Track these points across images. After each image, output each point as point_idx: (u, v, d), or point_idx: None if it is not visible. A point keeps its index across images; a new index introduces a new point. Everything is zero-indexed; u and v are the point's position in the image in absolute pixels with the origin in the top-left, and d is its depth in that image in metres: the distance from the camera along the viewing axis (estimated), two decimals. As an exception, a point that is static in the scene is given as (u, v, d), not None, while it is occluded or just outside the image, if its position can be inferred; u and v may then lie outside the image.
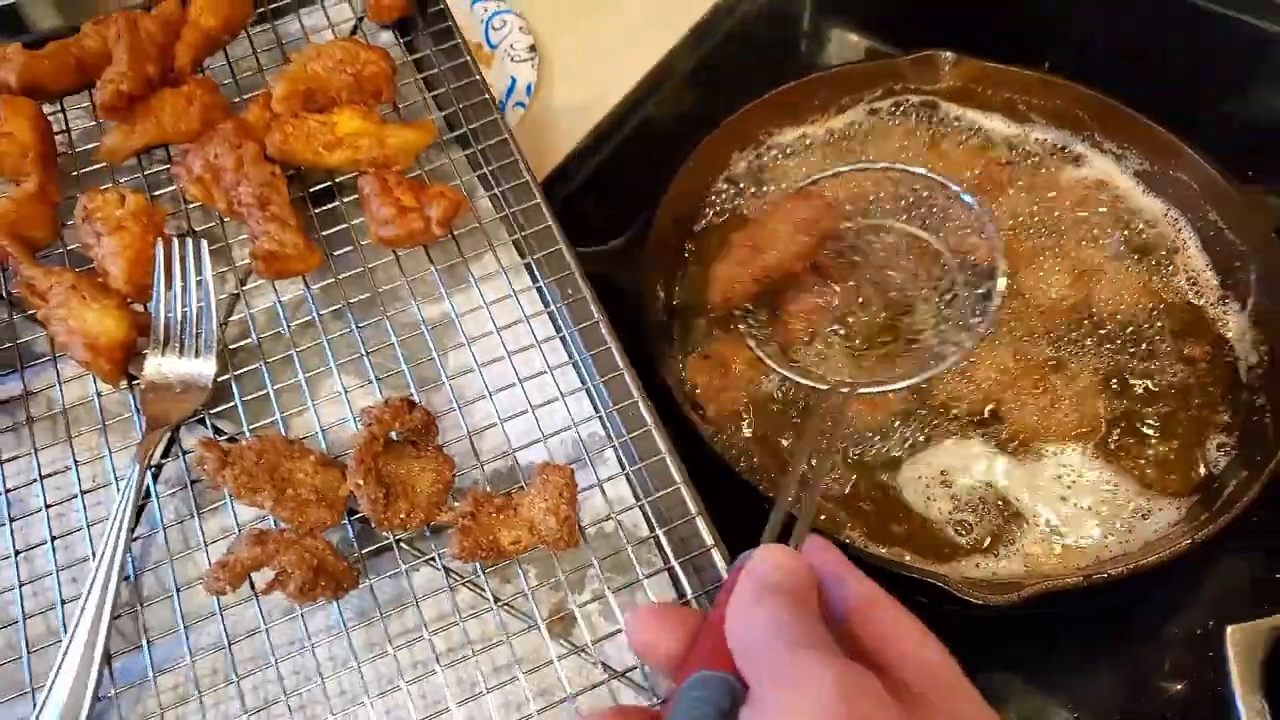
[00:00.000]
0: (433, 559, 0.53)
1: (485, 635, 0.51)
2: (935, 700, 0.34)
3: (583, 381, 0.58)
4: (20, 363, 0.59)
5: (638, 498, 0.55)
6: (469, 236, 0.63)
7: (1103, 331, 0.71)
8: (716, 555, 0.52)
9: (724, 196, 0.79)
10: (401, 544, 0.54)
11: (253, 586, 0.52)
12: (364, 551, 0.53)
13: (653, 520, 0.54)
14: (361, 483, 0.51)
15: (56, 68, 0.65)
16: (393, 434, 0.54)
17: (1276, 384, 0.66)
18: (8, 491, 0.55)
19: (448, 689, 0.50)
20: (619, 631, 0.51)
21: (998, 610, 0.56)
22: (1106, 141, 0.78)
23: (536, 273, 0.61)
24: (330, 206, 0.64)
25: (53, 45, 0.65)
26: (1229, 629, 0.53)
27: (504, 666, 0.51)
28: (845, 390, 0.62)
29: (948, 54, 0.81)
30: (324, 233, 0.63)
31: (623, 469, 0.56)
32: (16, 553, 0.54)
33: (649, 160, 0.78)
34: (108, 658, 0.50)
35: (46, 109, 0.65)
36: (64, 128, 0.67)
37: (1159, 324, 0.71)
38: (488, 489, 0.53)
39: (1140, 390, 0.68)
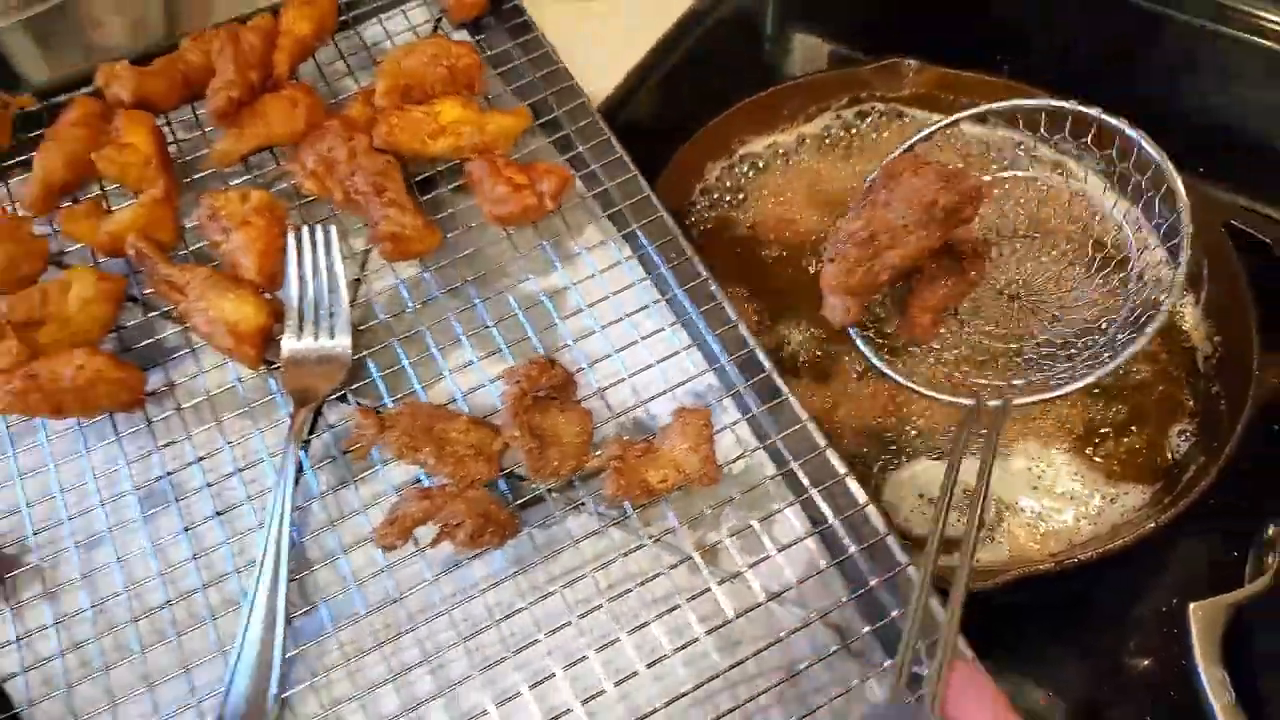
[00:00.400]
0: (583, 503, 0.56)
1: (642, 570, 0.55)
2: None
3: (694, 338, 0.62)
4: (161, 356, 0.62)
5: (762, 439, 0.59)
6: (570, 212, 0.67)
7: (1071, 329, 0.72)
8: (850, 483, 0.56)
9: (701, 206, 0.82)
10: (552, 493, 0.57)
11: (416, 543, 0.55)
12: (516, 503, 0.56)
13: (785, 456, 0.58)
14: (517, 434, 0.55)
15: (166, 83, 0.68)
16: (538, 393, 0.57)
17: (1229, 373, 0.70)
18: (169, 475, 0.58)
19: (615, 621, 0.53)
20: (765, 559, 0.54)
21: (975, 597, 0.57)
22: (1064, 142, 0.81)
23: (641, 240, 0.65)
24: (434, 195, 0.68)
25: (160, 61, 0.69)
26: (1191, 606, 0.55)
27: (663, 597, 0.54)
28: (997, 403, 0.58)
29: (911, 61, 0.85)
30: (434, 217, 0.66)
31: (743, 415, 0.60)
32: (185, 529, 0.56)
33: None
34: (287, 617, 0.53)
35: (153, 122, 0.68)
36: (171, 139, 0.70)
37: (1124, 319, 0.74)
38: (625, 438, 0.57)
39: (1108, 383, 0.71)
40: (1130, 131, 0.65)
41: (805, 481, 0.56)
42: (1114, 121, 0.66)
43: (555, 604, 0.54)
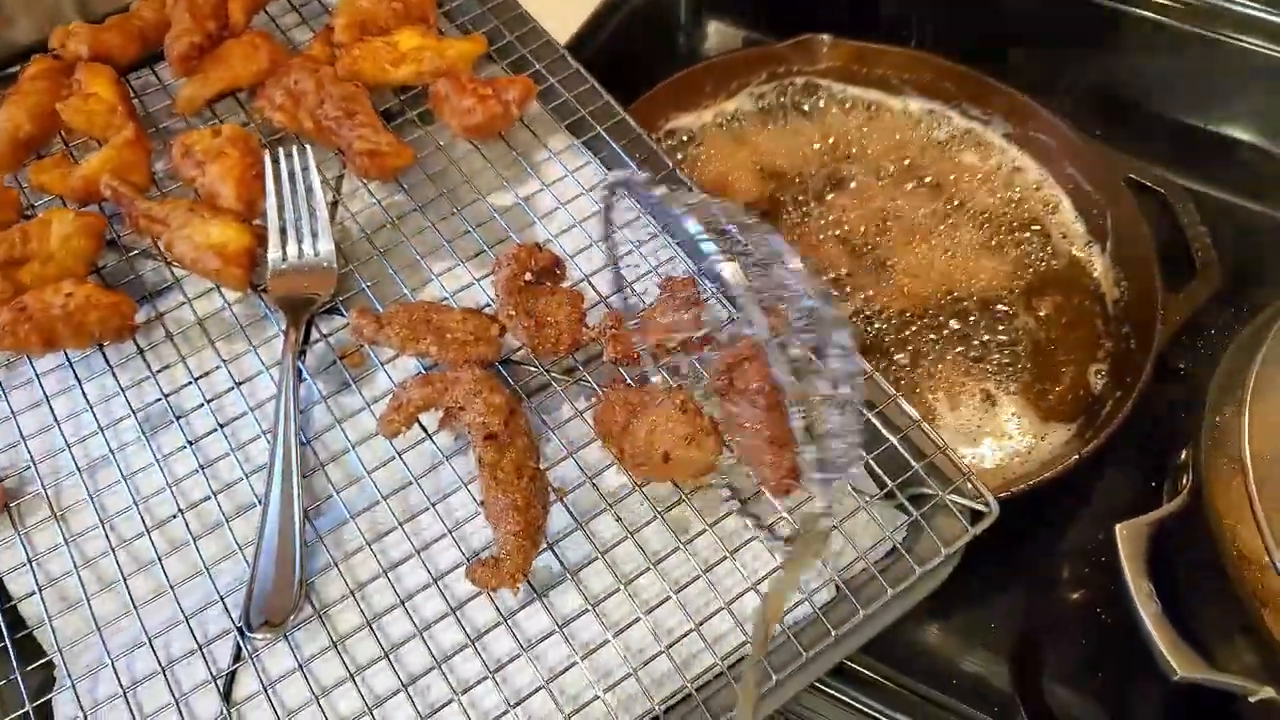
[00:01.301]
0: (583, 379, 0.58)
1: (647, 430, 0.56)
2: None
3: (663, 221, 0.65)
4: (144, 291, 0.62)
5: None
6: (534, 125, 0.69)
7: (977, 299, 0.79)
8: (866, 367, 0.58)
9: None
10: (553, 375, 0.58)
11: (424, 429, 0.56)
12: (519, 384, 0.58)
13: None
14: (514, 313, 0.56)
15: (122, 37, 0.69)
16: (528, 277, 0.59)
17: (1136, 314, 0.76)
18: (166, 396, 0.58)
19: (623, 475, 0.54)
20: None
21: None
22: (974, 108, 0.88)
23: (609, 141, 0.67)
24: (397, 123, 0.69)
25: (113, 19, 0.70)
26: (1117, 526, 0.59)
27: (671, 452, 0.56)
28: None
29: (825, 37, 0.89)
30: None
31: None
32: (189, 443, 0.56)
33: None
34: (304, 511, 0.53)
35: (112, 79, 0.69)
36: (134, 96, 0.70)
37: (1041, 272, 0.80)
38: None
39: (1030, 329, 0.77)
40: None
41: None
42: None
43: (568, 469, 0.55)
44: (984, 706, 0.62)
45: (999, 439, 0.72)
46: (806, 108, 0.90)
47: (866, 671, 0.62)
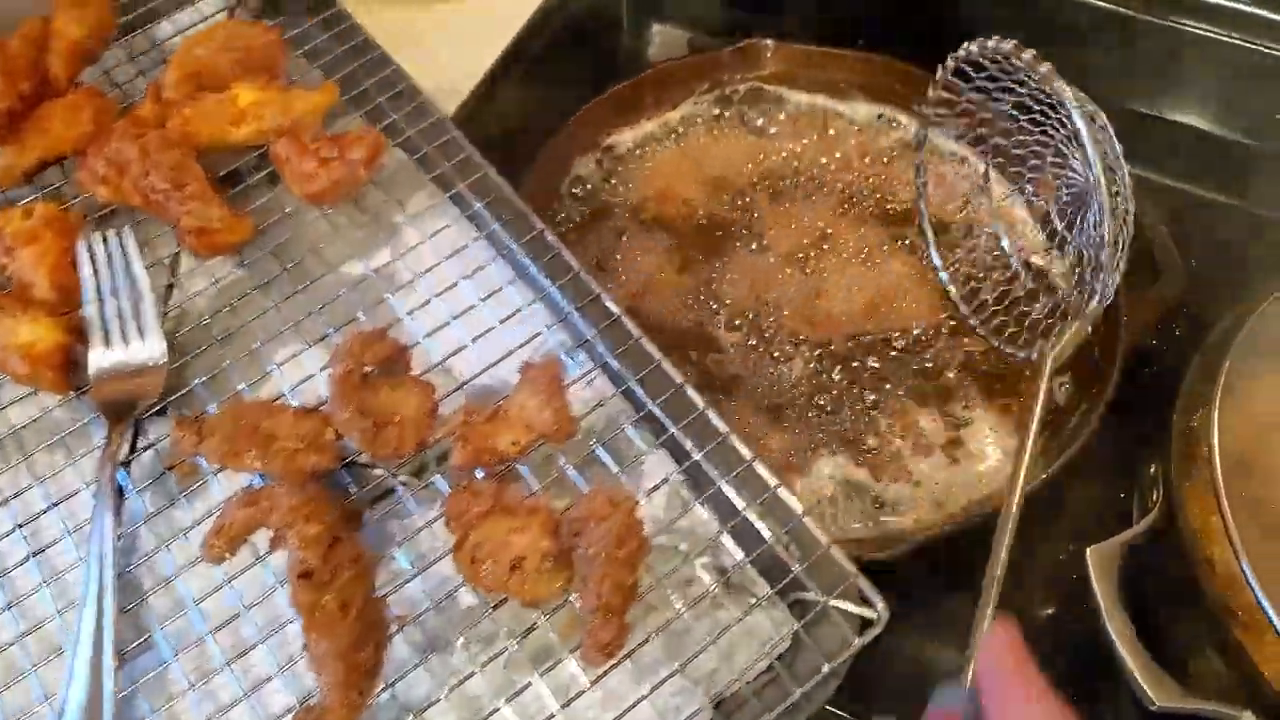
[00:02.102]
0: (431, 483, 0.52)
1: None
2: None
3: (538, 292, 0.59)
4: (-45, 397, 0.57)
5: (618, 384, 0.56)
6: (390, 183, 0.63)
7: (925, 320, 0.75)
8: (712, 415, 0.53)
9: (570, 200, 0.81)
10: (399, 478, 0.53)
11: (255, 551, 0.50)
12: (360, 495, 0.52)
13: (642, 398, 0.54)
14: (347, 416, 0.50)
15: (-73, 104, 0.62)
16: (367, 368, 0.53)
17: (1101, 319, 0.69)
18: (-28, 523, 0.52)
19: (475, 595, 0.49)
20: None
21: (882, 565, 0.58)
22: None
23: (468, 201, 0.61)
24: (239, 189, 0.63)
25: (-82, 83, 0.63)
26: (1088, 550, 0.57)
27: (530, 565, 0.50)
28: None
29: (768, 41, 0.85)
30: (245, 210, 0.61)
31: (601, 361, 0.56)
32: (-4, 577, 0.51)
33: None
34: (120, 653, 0.48)
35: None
36: (-53, 165, 0.64)
37: (998, 279, 0.76)
38: (470, 405, 0.53)
39: (987, 345, 0.74)
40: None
41: (665, 422, 0.53)
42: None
43: (414, 590, 0.50)
44: None
45: (963, 461, 0.68)
46: (751, 117, 0.86)
47: (831, 709, 0.58)
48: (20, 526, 0.52)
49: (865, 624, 0.48)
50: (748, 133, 0.85)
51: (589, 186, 0.82)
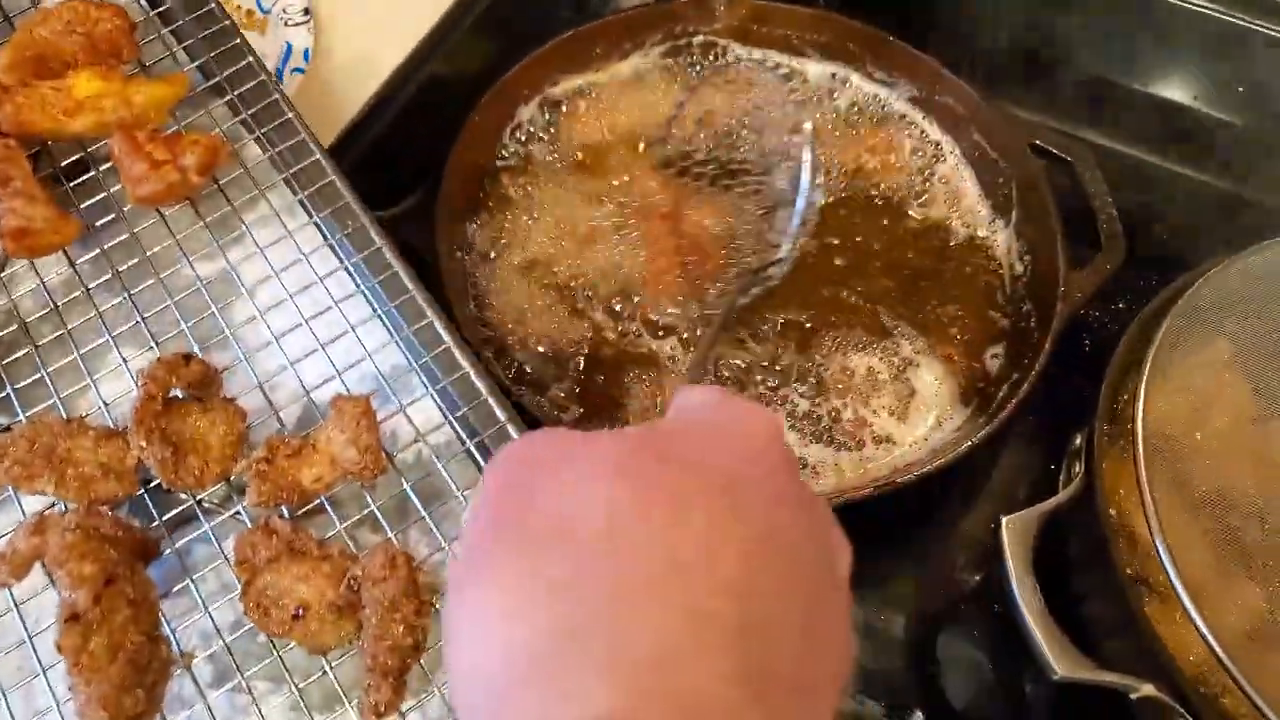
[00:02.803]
0: (237, 513, 0.51)
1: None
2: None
3: (373, 311, 0.57)
4: None
5: (446, 417, 0.54)
6: (236, 185, 0.60)
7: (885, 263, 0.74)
8: (529, 457, 0.51)
9: (513, 146, 0.79)
10: (203, 504, 0.52)
11: (48, 574, 0.49)
12: (165, 520, 0.51)
13: (462, 436, 0.53)
14: (145, 444, 0.49)
15: None
16: (176, 392, 0.51)
17: (1037, 290, 0.70)
18: None
19: (269, 644, 0.48)
20: (438, 552, 0.50)
21: None
22: (878, 71, 0.81)
23: (310, 209, 0.59)
24: (86, 179, 0.60)
25: None
26: (1004, 519, 0.57)
27: (326, 605, 0.49)
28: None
29: None
30: (83, 205, 0.59)
31: (426, 391, 0.55)
32: None
33: (438, 117, 0.76)
34: (-102, 676, 0.47)
35: None
36: None
37: (939, 250, 0.75)
38: (279, 436, 0.52)
39: (931, 307, 0.72)
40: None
41: (483, 462, 0.52)
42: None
43: (205, 624, 0.49)
44: (877, 697, 0.62)
45: (896, 422, 0.68)
46: (700, 70, 0.83)
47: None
48: None
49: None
50: (695, 85, 0.83)
51: (530, 131, 0.80)
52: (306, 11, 0.81)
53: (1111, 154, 0.85)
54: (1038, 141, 0.74)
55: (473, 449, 0.52)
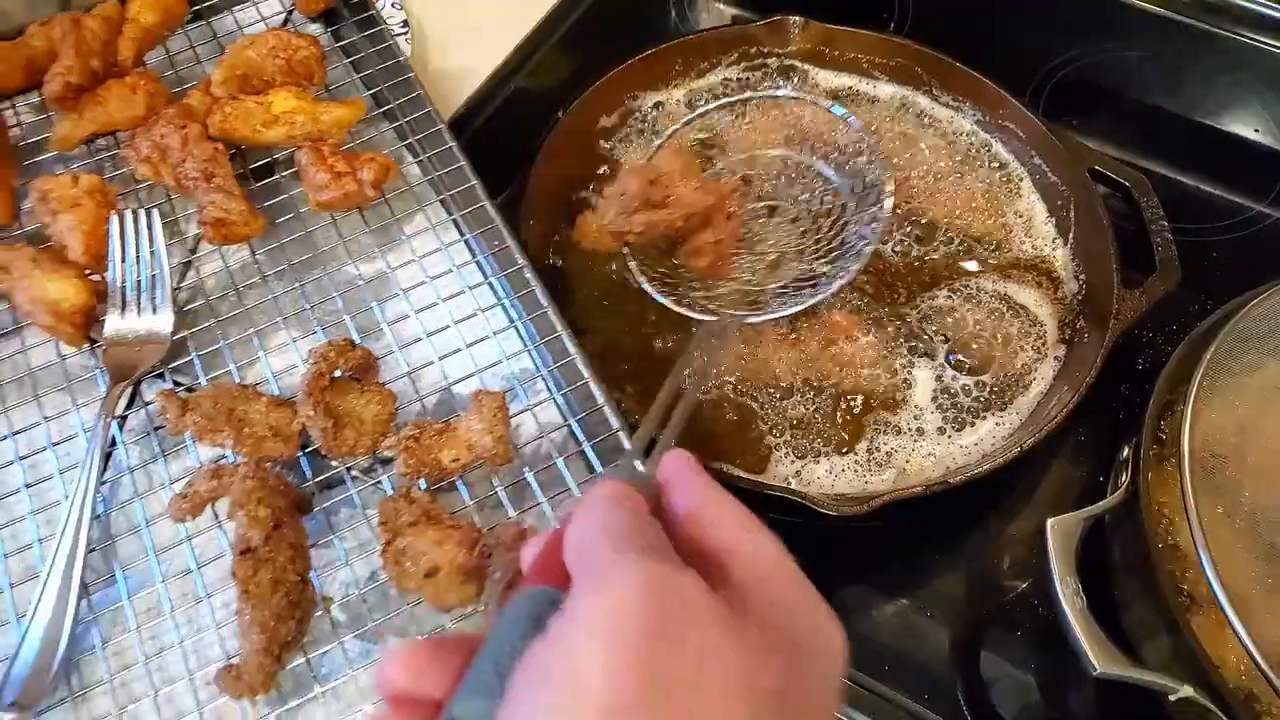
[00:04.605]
0: (379, 482, 0.59)
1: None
2: (752, 588, 0.34)
3: (510, 321, 0.64)
4: (-11, 333, 0.64)
5: (565, 419, 0.61)
6: (399, 199, 0.69)
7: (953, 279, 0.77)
8: (639, 464, 0.58)
9: (596, 155, 0.83)
10: (351, 472, 0.59)
11: (216, 516, 0.57)
12: (316, 481, 0.58)
13: (580, 437, 0.60)
14: (311, 414, 0.57)
15: (7, 67, 0.70)
16: (338, 372, 0.59)
17: (1092, 307, 0.73)
18: (-18, 448, 0.60)
19: (402, 597, 0.55)
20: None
21: (854, 522, 0.61)
22: (944, 95, 0.85)
23: (463, 228, 0.67)
24: (270, 180, 0.69)
25: (2, 47, 0.70)
26: (1049, 521, 0.59)
27: (450, 571, 0.56)
28: (729, 320, 0.68)
29: (796, 18, 0.87)
30: (266, 203, 0.68)
31: (551, 395, 0.62)
32: (-7, 501, 0.58)
33: (521, 129, 0.79)
34: (85, 586, 0.55)
35: (-2, 105, 0.70)
36: (16, 122, 0.71)
37: (999, 265, 0.78)
38: (424, 419, 0.59)
39: (993, 321, 0.75)
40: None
41: (594, 462, 0.58)
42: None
43: (346, 575, 0.56)
44: (920, 695, 0.63)
45: (946, 429, 0.71)
46: (776, 92, 0.86)
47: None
48: (22, 459, 0.59)
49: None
50: (770, 107, 0.85)
51: (613, 140, 0.84)
52: (405, 24, 0.87)
53: (1170, 183, 0.86)
54: (1097, 167, 0.77)
55: (587, 449, 0.59)
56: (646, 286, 0.70)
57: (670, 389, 0.47)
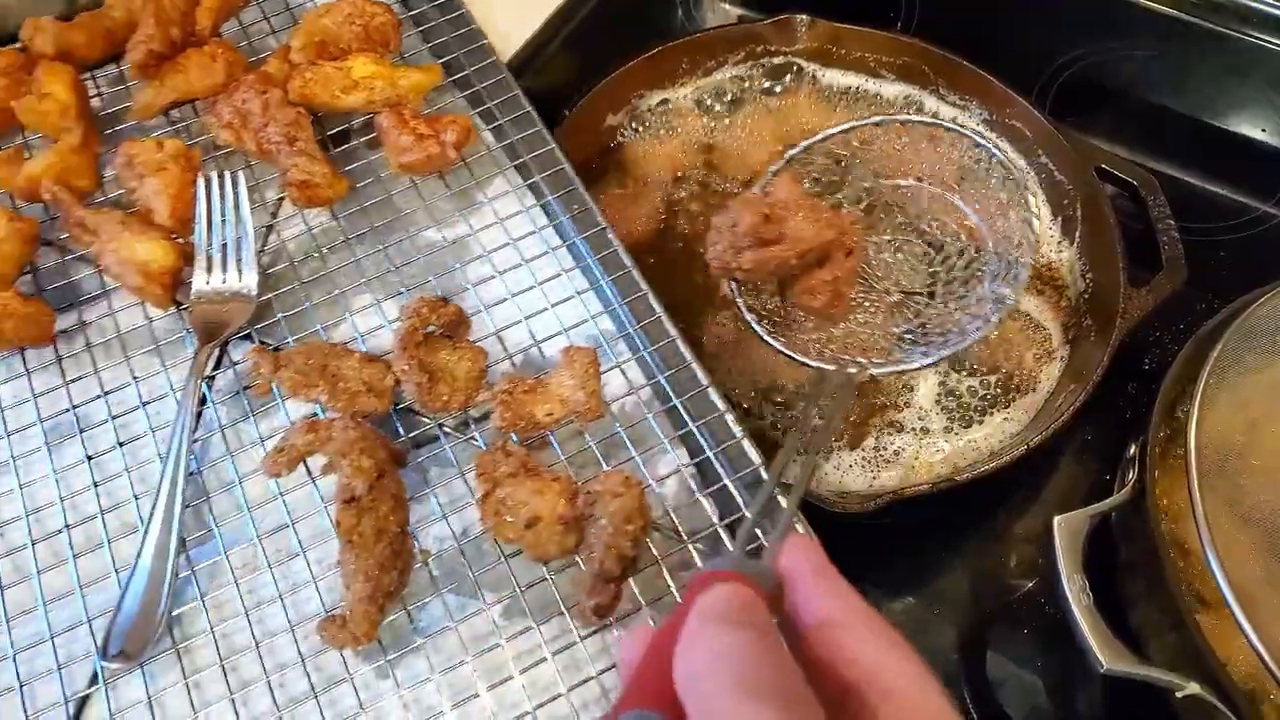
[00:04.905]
0: (473, 438, 0.59)
1: (526, 499, 0.57)
2: None
3: (591, 282, 0.64)
4: (75, 297, 0.64)
5: (650, 377, 0.61)
6: (478, 163, 0.69)
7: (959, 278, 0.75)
8: (730, 419, 0.58)
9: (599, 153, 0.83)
10: (445, 428, 0.59)
11: (309, 472, 0.57)
12: (409, 437, 0.58)
13: (669, 393, 0.60)
14: (406, 368, 0.57)
15: (88, 37, 0.70)
16: (430, 329, 0.59)
17: (1098, 306, 0.73)
18: (75, 407, 0.60)
19: (496, 546, 0.55)
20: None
21: (861, 519, 0.61)
22: (951, 94, 0.85)
23: (544, 191, 0.67)
24: (346, 147, 0.70)
25: (84, 16, 0.71)
26: (1056, 518, 0.59)
27: (545, 525, 0.56)
28: (853, 371, 0.65)
29: (803, 17, 0.87)
30: (344, 169, 0.68)
31: (634, 354, 0.62)
32: (89, 458, 0.58)
33: None
34: (182, 541, 0.55)
35: (77, 75, 0.70)
36: (96, 92, 0.72)
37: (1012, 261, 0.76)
38: (515, 374, 0.59)
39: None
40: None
41: (686, 417, 0.58)
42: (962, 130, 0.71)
43: (441, 529, 0.56)
44: None
45: (952, 427, 0.71)
46: (779, 90, 0.88)
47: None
48: (114, 418, 0.60)
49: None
50: (774, 104, 0.87)
51: (618, 139, 0.84)
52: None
53: (1176, 183, 0.86)
54: (1103, 166, 0.77)
55: (679, 405, 0.59)
56: (757, 328, 0.67)
57: (790, 450, 0.44)
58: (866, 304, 0.72)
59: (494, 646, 0.52)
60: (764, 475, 0.56)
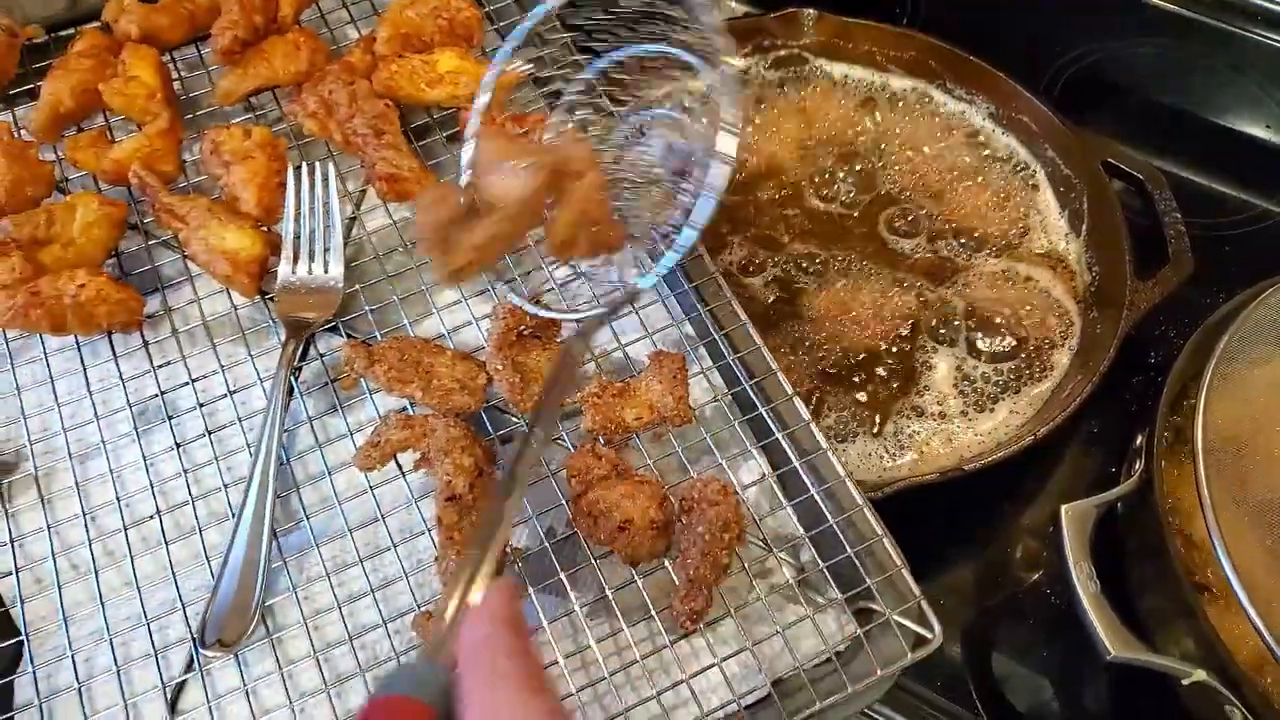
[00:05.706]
0: (560, 438, 0.59)
1: (614, 501, 0.57)
2: None
3: (675, 287, 0.65)
4: (158, 283, 0.64)
5: (732, 384, 0.62)
6: (562, 164, 0.69)
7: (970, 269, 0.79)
8: (814, 429, 0.58)
9: None
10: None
11: (399, 467, 0.57)
12: (497, 435, 0.59)
13: (755, 401, 0.60)
14: (501, 368, 0.57)
15: (172, 20, 0.70)
16: (522, 329, 0.59)
17: (1105, 298, 0.75)
18: (163, 394, 0.60)
19: (581, 548, 0.55)
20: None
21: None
22: (957, 88, 0.86)
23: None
24: (427, 142, 0.70)
25: (166, 1, 0.70)
26: (1063, 507, 0.60)
27: (632, 527, 0.57)
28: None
29: (810, 11, 0.88)
30: (427, 163, 0.68)
31: (715, 362, 0.62)
32: (176, 445, 0.59)
33: None
34: (273, 532, 0.55)
35: (158, 58, 0.70)
36: (176, 76, 0.72)
37: (1014, 255, 0.80)
38: (604, 378, 0.60)
39: (1004, 311, 0.76)
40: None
41: (771, 425, 0.59)
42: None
43: (530, 529, 0.57)
44: (932, 682, 0.64)
45: (958, 416, 0.72)
46: (787, 84, 0.88)
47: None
48: (201, 405, 0.60)
49: (920, 641, 0.54)
50: (783, 98, 0.87)
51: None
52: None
53: (1181, 180, 0.87)
54: (1110, 160, 0.78)
55: (765, 413, 0.59)
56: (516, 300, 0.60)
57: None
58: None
59: (584, 648, 0.53)
60: (849, 487, 0.57)
